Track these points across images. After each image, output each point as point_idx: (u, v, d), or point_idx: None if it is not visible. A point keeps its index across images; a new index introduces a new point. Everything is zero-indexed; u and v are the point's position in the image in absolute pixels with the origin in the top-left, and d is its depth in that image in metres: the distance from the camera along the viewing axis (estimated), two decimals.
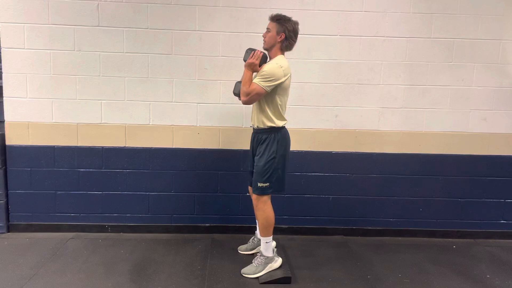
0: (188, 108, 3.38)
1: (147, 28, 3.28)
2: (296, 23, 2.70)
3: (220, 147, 3.43)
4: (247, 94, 2.62)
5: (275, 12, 2.78)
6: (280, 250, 3.14)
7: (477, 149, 3.50)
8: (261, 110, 2.73)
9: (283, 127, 2.78)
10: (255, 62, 2.65)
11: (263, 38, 2.73)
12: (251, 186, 2.96)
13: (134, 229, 3.50)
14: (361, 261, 3.11)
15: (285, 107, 2.80)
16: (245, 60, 2.72)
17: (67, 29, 3.25)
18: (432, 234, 3.59)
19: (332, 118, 3.43)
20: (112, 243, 3.30)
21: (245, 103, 2.69)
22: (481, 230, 3.60)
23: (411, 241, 3.51)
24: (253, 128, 2.84)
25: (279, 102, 2.69)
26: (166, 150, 3.43)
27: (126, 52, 3.30)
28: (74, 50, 3.28)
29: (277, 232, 3.43)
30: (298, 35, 2.73)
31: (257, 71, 2.69)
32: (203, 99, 3.38)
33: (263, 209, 2.76)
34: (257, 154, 2.80)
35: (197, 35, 3.30)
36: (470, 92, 3.44)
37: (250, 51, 2.71)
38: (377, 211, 3.56)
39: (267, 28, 2.71)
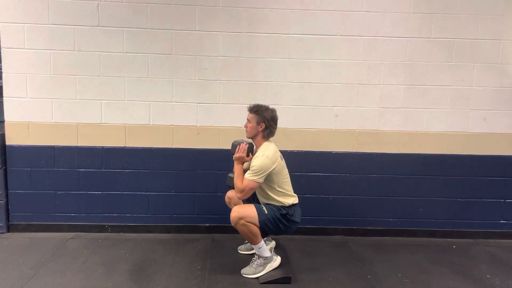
0: (188, 108, 3.38)
1: (147, 28, 3.28)
2: (273, 111, 2.80)
3: (220, 147, 3.42)
4: (242, 191, 2.70)
5: (275, 11, 2.78)
6: (280, 250, 3.14)
7: (477, 149, 3.50)
8: (267, 197, 2.79)
9: (293, 206, 2.80)
10: (242, 155, 2.76)
11: (245, 128, 2.81)
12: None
13: (134, 229, 3.50)
14: (361, 261, 3.11)
15: (289, 184, 2.84)
16: (232, 154, 2.81)
17: (67, 29, 3.25)
18: (432, 234, 3.59)
19: (332, 118, 3.43)
20: (112, 243, 3.30)
21: (241, 198, 2.75)
22: (481, 230, 3.60)
23: (411, 241, 3.51)
24: None
25: (279, 183, 2.75)
26: (166, 150, 3.43)
27: (126, 52, 3.30)
28: (74, 50, 3.28)
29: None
30: (277, 121, 2.80)
31: (246, 161, 2.79)
32: (203, 99, 3.38)
33: (244, 224, 2.70)
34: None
35: (197, 35, 3.30)
36: (470, 92, 3.44)
37: (236, 144, 2.79)
38: (377, 211, 3.56)
39: (247, 119, 2.80)
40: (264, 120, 2.75)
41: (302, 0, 3.28)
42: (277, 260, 2.85)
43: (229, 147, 3.42)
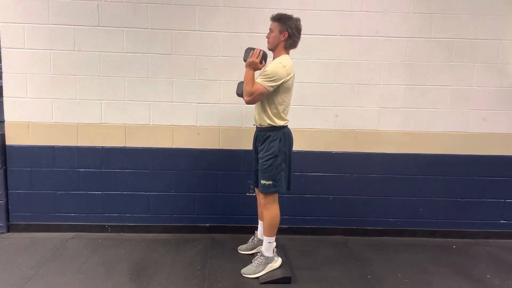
0: (188, 108, 3.38)
1: (147, 28, 3.28)
2: (297, 20, 2.71)
3: (220, 147, 3.43)
4: (250, 94, 2.63)
5: (275, 12, 2.78)
6: (280, 250, 3.14)
7: (477, 149, 3.50)
8: (263, 109, 2.74)
9: (284, 127, 2.78)
10: (255, 60, 2.66)
11: (267, 39, 2.73)
12: (256, 186, 2.97)
13: (134, 229, 3.50)
14: (361, 261, 3.11)
15: (288, 107, 2.79)
16: (245, 60, 2.72)
17: (67, 29, 3.25)
18: (432, 234, 3.59)
19: (332, 118, 3.43)
20: (112, 243, 3.30)
21: (248, 103, 2.69)
22: (481, 230, 3.60)
23: (411, 241, 3.51)
24: (256, 126, 2.85)
25: (281, 101, 2.70)
26: (166, 150, 3.43)
27: (126, 52, 3.30)
28: (74, 50, 3.28)
29: (277, 232, 3.43)
30: (301, 32, 2.74)
31: (258, 69, 2.71)
32: (203, 99, 3.38)
33: (270, 208, 2.77)
34: (259, 152, 2.80)
35: (197, 35, 3.30)
36: (470, 92, 3.44)
37: (249, 50, 2.71)
38: (377, 211, 3.56)
39: (270, 29, 2.72)
40: (288, 29, 2.63)
41: (302, 0, 3.28)
42: (278, 262, 2.85)
43: (229, 147, 3.44)
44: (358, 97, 3.41)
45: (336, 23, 3.32)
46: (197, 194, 3.50)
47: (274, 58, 2.75)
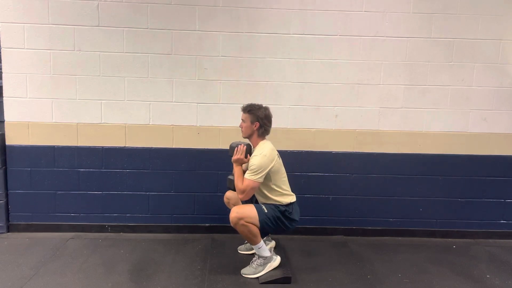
0: (188, 108, 3.38)
1: (147, 28, 3.28)
2: (266, 109, 2.81)
3: (220, 147, 3.43)
4: (243, 192, 2.69)
5: (275, 11, 2.78)
6: (280, 250, 3.14)
7: (477, 149, 3.50)
8: (265, 197, 2.79)
9: (291, 204, 2.80)
10: (240, 157, 2.76)
11: (240, 128, 2.83)
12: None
13: (134, 229, 3.50)
14: (361, 261, 3.11)
15: (286, 182, 2.85)
16: (230, 156, 2.81)
17: (67, 29, 3.25)
18: (432, 234, 3.59)
19: (332, 118, 3.43)
20: (112, 243, 3.30)
21: (243, 199, 2.77)
22: (481, 230, 3.60)
23: (411, 241, 3.51)
24: None
25: (276, 183, 2.76)
26: (166, 150, 3.43)
27: (126, 52, 3.30)
28: (74, 50, 3.28)
29: (277, 232, 3.43)
30: (272, 120, 2.81)
31: (245, 162, 2.79)
32: (203, 99, 3.38)
33: (243, 224, 2.69)
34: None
35: (197, 35, 3.30)
36: (470, 92, 3.44)
37: (234, 146, 2.80)
38: (377, 211, 3.56)
39: (242, 119, 2.81)
40: (258, 119, 2.76)
41: (302, 0, 3.28)
42: (276, 260, 2.85)
43: (228, 147, 3.43)
44: (358, 97, 3.41)
45: (336, 23, 3.32)
46: (197, 194, 3.50)
47: (253, 146, 2.83)
